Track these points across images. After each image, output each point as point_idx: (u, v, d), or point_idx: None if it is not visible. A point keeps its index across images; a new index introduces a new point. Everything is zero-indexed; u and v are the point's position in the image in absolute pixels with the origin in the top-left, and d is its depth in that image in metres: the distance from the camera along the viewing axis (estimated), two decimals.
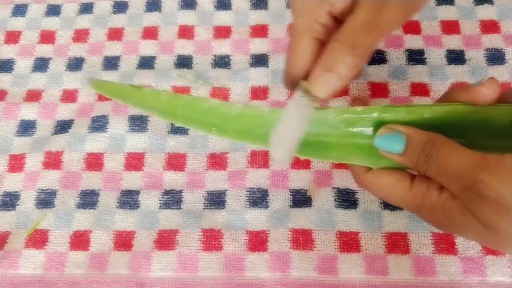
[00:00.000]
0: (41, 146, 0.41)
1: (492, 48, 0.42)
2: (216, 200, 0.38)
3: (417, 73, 0.42)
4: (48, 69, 0.46)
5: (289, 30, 0.46)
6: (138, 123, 0.41)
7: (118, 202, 0.38)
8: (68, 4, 0.49)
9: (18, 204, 0.39)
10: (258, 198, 0.38)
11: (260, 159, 0.39)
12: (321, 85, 0.26)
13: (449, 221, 0.25)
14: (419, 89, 0.41)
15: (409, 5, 0.27)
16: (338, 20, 0.28)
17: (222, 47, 0.45)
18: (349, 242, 0.35)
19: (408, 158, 0.26)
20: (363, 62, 0.26)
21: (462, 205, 0.24)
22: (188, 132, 0.41)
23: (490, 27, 0.44)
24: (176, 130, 0.41)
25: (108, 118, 0.41)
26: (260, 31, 0.46)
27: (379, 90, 0.41)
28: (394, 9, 0.26)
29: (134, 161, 0.40)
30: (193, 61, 0.45)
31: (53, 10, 0.49)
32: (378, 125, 0.27)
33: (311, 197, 0.37)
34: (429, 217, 0.26)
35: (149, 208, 0.38)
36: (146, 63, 0.45)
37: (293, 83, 0.29)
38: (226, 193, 0.38)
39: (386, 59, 0.43)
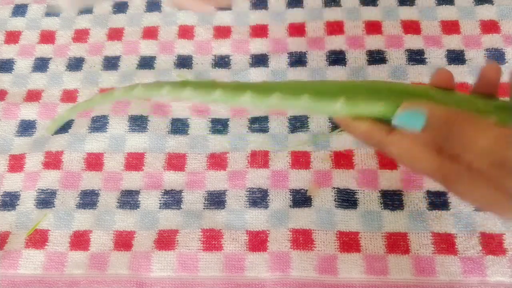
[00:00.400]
0: (41, 146, 0.41)
1: (492, 48, 0.42)
2: (216, 200, 0.38)
3: (417, 73, 0.42)
4: (48, 69, 0.46)
5: (289, 30, 0.46)
6: (138, 123, 0.41)
7: (118, 202, 0.38)
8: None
9: (18, 204, 0.39)
10: (258, 198, 0.37)
11: (260, 159, 0.39)
12: None
13: (476, 193, 0.24)
14: None
15: None
16: None
17: (222, 47, 0.45)
18: (349, 242, 0.35)
19: (429, 135, 0.25)
20: None
21: (489, 179, 0.23)
22: (188, 132, 0.41)
23: (490, 27, 0.44)
24: (176, 130, 0.41)
25: (108, 118, 0.41)
26: (260, 31, 0.46)
27: None
28: None
29: (134, 161, 0.40)
30: (193, 61, 0.45)
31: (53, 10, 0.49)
32: None
33: (311, 197, 0.37)
34: (455, 187, 0.26)
35: (149, 208, 0.38)
36: (146, 63, 0.45)
37: None
38: (226, 193, 0.38)
39: (386, 59, 0.43)
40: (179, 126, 0.41)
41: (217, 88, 0.26)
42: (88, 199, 0.39)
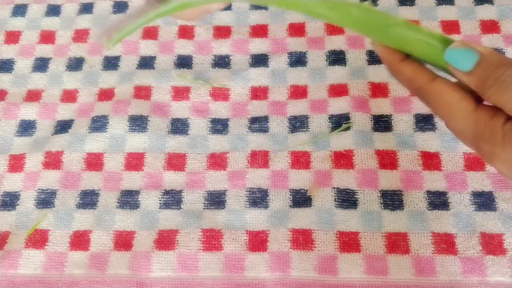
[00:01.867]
0: (41, 146, 0.41)
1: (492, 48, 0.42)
2: (216, 200, 0.38)
3: None
4: (48, 69, 0.46)
5: (289, 30, 0.46)
6: (138, 123, 0.41)
7: (118, 202, 0.38)
8: (68, 4, 0.49)
9: (18, 204, 0.39)
10: (258, 198, 0.38)
11: (260, 159, 0.39)
12: None
13: (507, 153, 0.24)
14: None
15: None
16: None
17: (222, 47, 0.45)
18: (349, 242, 0.35)
19: (476, 79, 0.24)
20: None
21: None
22: (188, 132, 0.41)
23: (490, 27, 0.44)
24: (176, 130, 0.41)
25: (108, 118, 0.41)
26: (260, 31, 0.46)
27: (379, 90, 0.41)
28: None
29: (134, 161, 0.40)
30: (193, 61, 0.45)
31: (53, 10, 0.49)
32: None
33: (311, 197, 0.37)
34: (485, 146, 0.25)
35: (149, 208, 0.38)
36: (146, 63, 0.45)
37: None
38: (226, 193, 0.38)
39: None
40: (179, 126, 0.41)
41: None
42: (88, 199, 0.39)
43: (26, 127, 0.43)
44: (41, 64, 0.46)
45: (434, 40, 0.26)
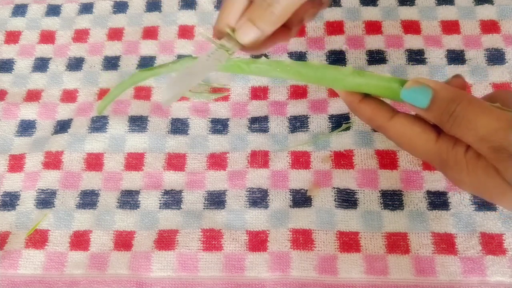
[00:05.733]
0: (41, 146, 0.41)
1: (492, 48, 0.42)
2: (216, 200, 0.38)
3: (417, 73, 0.42)
4: (48, 69, 0.46)
5: None
6: (138, 123, 0.41)
7: (118, 202, 0.38)
8: (68, 4, 0.49)
9: (18, 204, 0.39)
10: (258, 198, 0.38)
11: (260, 159, 0.39)
12: (243, 32, 0.29)
13: (472, 180, 0.25)
14: None
15: None
16: None
17: None
18: (349, 242, 0.35)
19: (433, 114, 0.25)
20: (279, 21, 0.29)
21: (487, 165, 0.24)
22: (188, 132, 0.41)
23: (490, 27, 0.44)
24: (176, 130, 0.41)
25: (108, 118, 0.41)
26: None
27: None
28: None
29: (134, 161, 0.40)
30: None
31: (53, 10, 0.49)
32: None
33: (311, 197, 0.37)
34: (451, 174, 0.26)
35: (149, 208, 0.38)
36: (146, 63, 0.45)
37: (220, 37, 0.31)
38: (226, 193, 0.38)
39: (386, 59, 0.43)
40: (178, 126, 0.41)
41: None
42: (88, 199, 0.39)
43: (26, 127, 0.43)
44: (41, 64, 0.46)
45: (387, 83, 0.27)
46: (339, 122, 0.40)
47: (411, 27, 0.44)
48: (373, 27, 0.44)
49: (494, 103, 0.26)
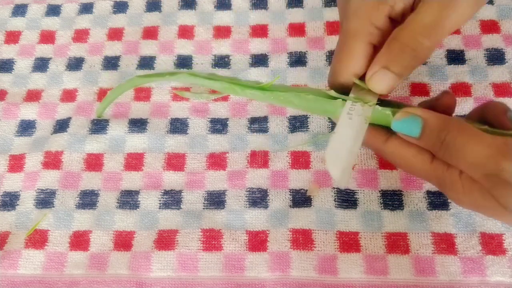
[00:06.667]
0: (41, 146, 0.41)
1: (492, 48, 0.42)
2: (216, 200, 0.38)
3: (417, 72, 0.42)
4: (48, 69, 0.46)
5: (289, 30, 0.46)
6: (138, 124, 0.41)
7: (118, 202, 0.38)
8: (68, 4, 0.49)
9: (18, 204, 0.39)
10: (258, 198, 0.37)
11: (259, 159, 0.39)
12: (379, 81, 0.26)
13: (470, 200, 0.25)
14: (419, 89, 0.41)
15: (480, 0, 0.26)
16: (394, 21, 0.27)
17: (222, 47, 0.45)
18: (349, 242, 0.35)
19: (426, 143, 0.25)
20: (421, 63, 0.27)
21: (482, 187, 0.24)
22: (188, 132, 0.41)
23: (490, 27, 0.44)
24: (175, 130, 0.41)
25: (109, 121, 0.41)
26: (260, 31, 0.46)
27: None
28: (464, 6, 0.25)
29: (134, 161, 0.40)
30: (193, 61, 0.45)
31: (53, 10, 0.49)
32: None
33: (311, 197, 0.37)
34: (449, 193, 0.26)
35: (149, 208, 0.38)
36: (146, 63, 0.45)
37: (342, 88, 0.29)
38: (226, 193, 0.38)
39: None
40: (178, 126, 0.41)
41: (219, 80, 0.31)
42: (88, 199, 0.39)
43: (26, 127, 0.43)
44: (41, 64, 0.46)
45: (379, 114, 0.27)
46: None
47: None
48: None
49: (485, 117, 0.26)
